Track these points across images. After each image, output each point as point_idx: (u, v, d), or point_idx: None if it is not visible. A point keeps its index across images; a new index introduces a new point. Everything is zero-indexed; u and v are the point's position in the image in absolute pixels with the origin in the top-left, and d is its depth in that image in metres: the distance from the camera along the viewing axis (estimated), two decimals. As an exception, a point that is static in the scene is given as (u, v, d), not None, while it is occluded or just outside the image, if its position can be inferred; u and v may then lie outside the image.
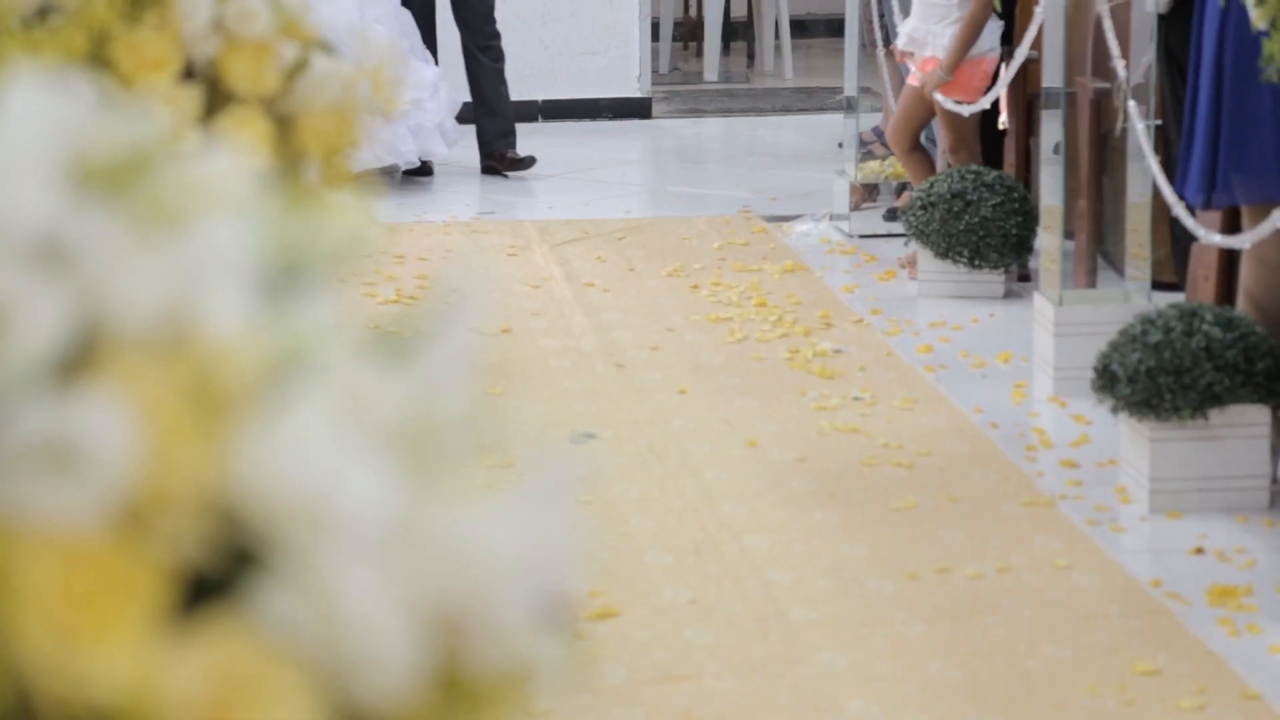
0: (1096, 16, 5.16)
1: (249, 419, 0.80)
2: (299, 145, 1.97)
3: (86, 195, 0.79)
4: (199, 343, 0.80)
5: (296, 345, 0.83)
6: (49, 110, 0.79)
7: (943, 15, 6.29)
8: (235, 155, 0.88)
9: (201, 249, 0.81)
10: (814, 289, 6.29)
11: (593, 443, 4.81)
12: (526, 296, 6.26)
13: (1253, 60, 4.03)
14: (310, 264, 0.86)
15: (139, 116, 0.83)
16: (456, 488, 0.86)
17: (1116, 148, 5.49)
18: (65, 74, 0.82)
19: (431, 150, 7.81)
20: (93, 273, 0.77)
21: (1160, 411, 4.19)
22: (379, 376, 0.85)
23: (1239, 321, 4.23)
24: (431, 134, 7.78)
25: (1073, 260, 5.56)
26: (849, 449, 4.74)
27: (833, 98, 9.63)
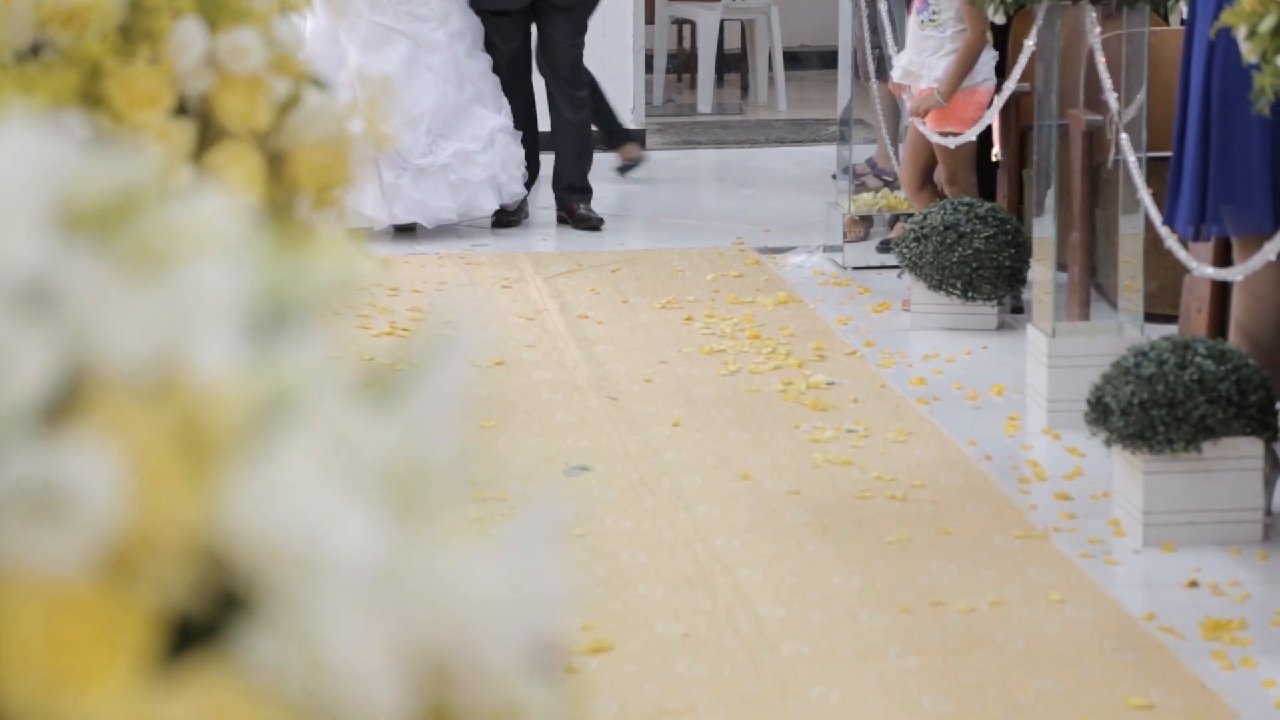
0: (1088, 49, 5.18)
1: (236, 463, 0.80)
2: (291, 180, 1.97)
3: (73, 238, 0.79)
4: (186, 386, 0.80)
5: (284, 388, 0.82)
6: (36, 153, 0.78)
7: (936, 48, 6.31)
8: (224, 195, 0.87)
9: (189, 292, 0.81)
10: (807, 321, 6.29)
11: (585, 476, 4.81)
12: (520, 329, 6.26)
13: (1240, 92, 4.03)
14: (299, 306, 0.86)
15: (127, 157, 0.83)
16: (445, 531, 0.85)
17: (1109, 180, 5.50)
18: (52, 114, 0.82)
19: (477, 205, 7.54)
20: (79, 316, 0.77)
21: (1153, 444, 4.19)
22: (367, 419, 0.84)
23: (1231, 354, 4.23)
24: (479, 189, 7.52)
25: (1066, 292, 5.57)
26: (842, 482, 4.74)
27: (826, 129, 9.65)
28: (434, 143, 7.43)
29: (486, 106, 7.60)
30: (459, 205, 7.47)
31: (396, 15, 7.43)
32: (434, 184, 7.39)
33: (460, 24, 7.56)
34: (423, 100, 7.41)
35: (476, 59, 7.64)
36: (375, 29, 7.40)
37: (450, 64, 7.50)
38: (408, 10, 7.43)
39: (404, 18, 7.42)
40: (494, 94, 7.66)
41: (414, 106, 7.38)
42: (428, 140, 7.41)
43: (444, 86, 7.45)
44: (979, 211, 6.09)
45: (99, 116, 1.78)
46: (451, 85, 7.48)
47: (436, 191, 7.40)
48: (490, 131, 7.52)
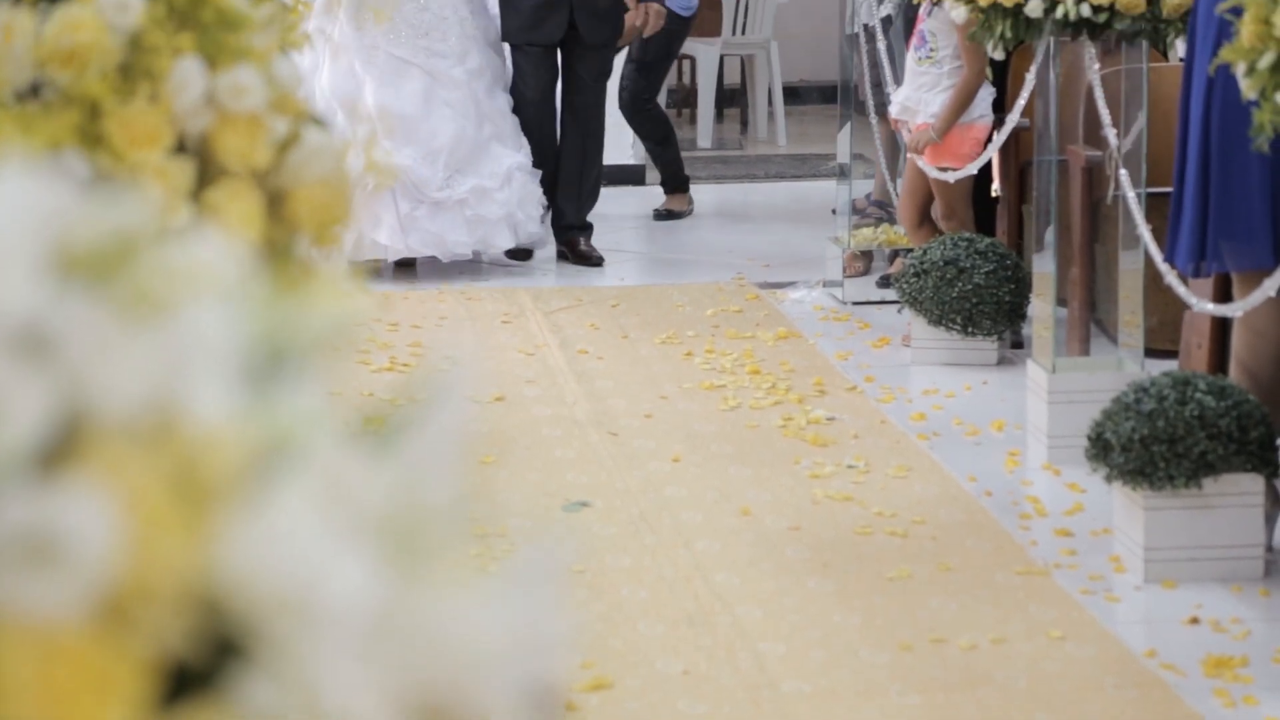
0: (1087, 84, 5.18)
1: (232, 508, 0.80)
2: (291, 219, 1.97)
3: (70, 283, 0.78)
4: (182, 432, 0.79)
5: (281, 433, 0.82)
6: (32, 197, 0.78)
7: (933, 84, 6.32)
8: (222, 238, 0.87)
9: (186, 336, 0.80)
10: (807, 356, 6.29)
11: (585, 511, 4.80)
12: (520, 364, 6.26)
13: (1239, 127, 4.04)
14: (296, 350, 0.86)
15: (124, 201, 0.83)
16: (443, 575, 0.85)
17: (1108, 215, 5.51)
18: (50, 156, 0.82)
19: (493, 242, 7.49)
20: (75, 361, 0.77)
21: (1154, 480, 4.19)
22: (365, 463, 0.84)
23: (1232, 390, 4.22)
24: (495, 226, 7.47)
25: (1066, 328, 5.57)
26: (842, 518, 4.73)
27: (826, 164, 9.66)
28: (451, 177, 7.39)
29: (505, 145, 7.55)
30: (474, 241, 7.43)
31: (414, 49, 7.40)
32: (450, 218, 7.36)
33: (479, 62, 7.52)
34: (441, 134, 7.39)
35: (496, 98, 7.60)
36: (393, 61, 7.38)
37: (468, 101, 7.46)
38: (425, 45, 7.40)
39: (421, 52, 7.40)
40: (513, 133, 7.61)
41: (432, 140, 7.37)
42: (445, 174, 7.38)
43: (462, 122, 7.41)
44: (979, 247, 6.09)
45: (98, 155, 1.78)
46: (470, 122, 7.43)
47: (452, 226, 7.37)
48: (508, 169, 7.47)
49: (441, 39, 7.42)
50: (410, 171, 7.23)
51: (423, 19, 7.40)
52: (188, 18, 1.84)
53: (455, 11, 7.46)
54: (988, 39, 5.09)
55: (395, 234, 7.29)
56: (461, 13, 7.48)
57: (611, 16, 7.70)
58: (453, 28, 7.44)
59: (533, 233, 7.60)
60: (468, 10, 7.51)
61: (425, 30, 7.40)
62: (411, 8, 7.39)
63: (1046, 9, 4.95)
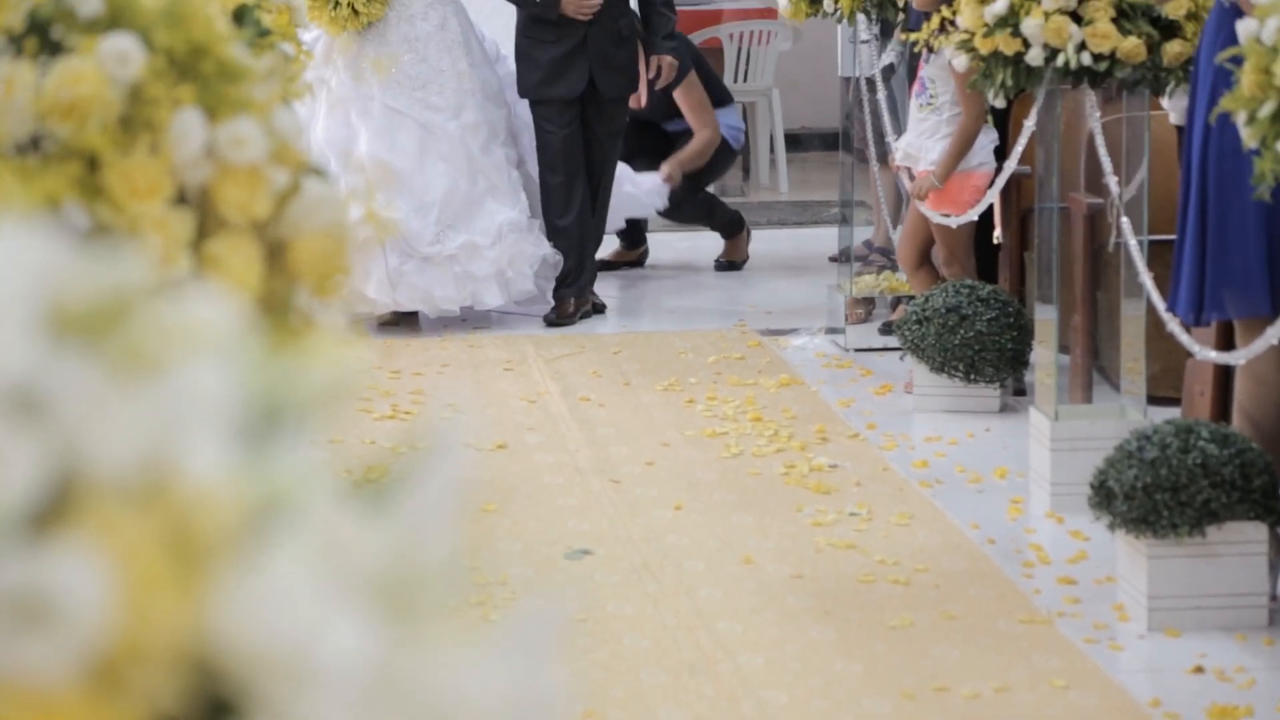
0: (1089, 132, 5.19)
1: (227, 568, 0.79)
2: (291, 270, 1.97)
3: (64, 341, 0.78)
4: (176, 491, 0.79)
5: (276, 492, 0.82)
6: (27, 255, 0.78)
7: (934, 130, 6.33)
8: (218, 295, 0.87)
9: (180, 395, 0.80)
10: (810, 403, 6.28)
11: (587, 560, 4.79)
12: (522, 412, 6.25)
13: (1236, 175, 4.04)
14: (292, 408, 0.85)
15: (120, 258, 0.83)
16: (439, 635, 0.84)
17: (1110, 262, 5.51)
18: (46, 213, 0.81)
19: (482, 299, 7.36)
20: (68, 421, 0.76)
21: (1158, 528, 4.18)
22: (361, 522, 0.83)
23: (1235, 438, 4.22)
24: (485, 283, 7.35)
25: (1068, 375, 5.56)
26: (845, 565, 4.72)
27: (828, 211, 9.68)
28: (442, 232, 7.32)
29: (499, 200, 7.42)
30: (462, 297, 7.32)
31: (410, 101, 7.35)
32: (439, 274, 7.28)
33: (475, 117, 7.44)
34: (433, 188, 7.33)
35: (491, 153, 7.50)
36: (387, 113, 7.34)
37: (462, 156, 7.38)
38: (421, 98, 7.35)
39: (416, 104, 7.34)
40: (508, 188, 7.48)
41: (424, 194, 7.30)
42: (436, 229, 7.31)
43: (455, 177, 7.34)
44: (981, 294, 6.10)
45: (99, 207, 1.78)
46: (463, 177, 7.36)
47: (441, 281, 7.29)
48: (500, 226, 7.36)
49: (438, 92, 7.38)
50: (401, 225, 7.17)
51: (420, 71, 7.36)
52: (188, 69, 1.84)
53: (453, 65, 7.41)
54: (988, 87, 5.09)
55: (383, 288, 7.23)
56: (460, 66, 7.42)
57: (628, 69, 7.64)
58: (449, 81, 7.39)
59: (525, 290, 7.47)
60: (466, 64, 7.45)
61: (422, 82, 7.36)
62: (409, 59, 7.35)
63: (1047, 57, 4.96)
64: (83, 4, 1.78)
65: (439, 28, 7.40)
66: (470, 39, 7.52)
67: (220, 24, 1.94)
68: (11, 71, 1.70)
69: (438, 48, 7.38)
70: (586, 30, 7.46)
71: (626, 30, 7.57)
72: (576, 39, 7.46)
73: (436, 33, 7.39)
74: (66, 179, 1.76)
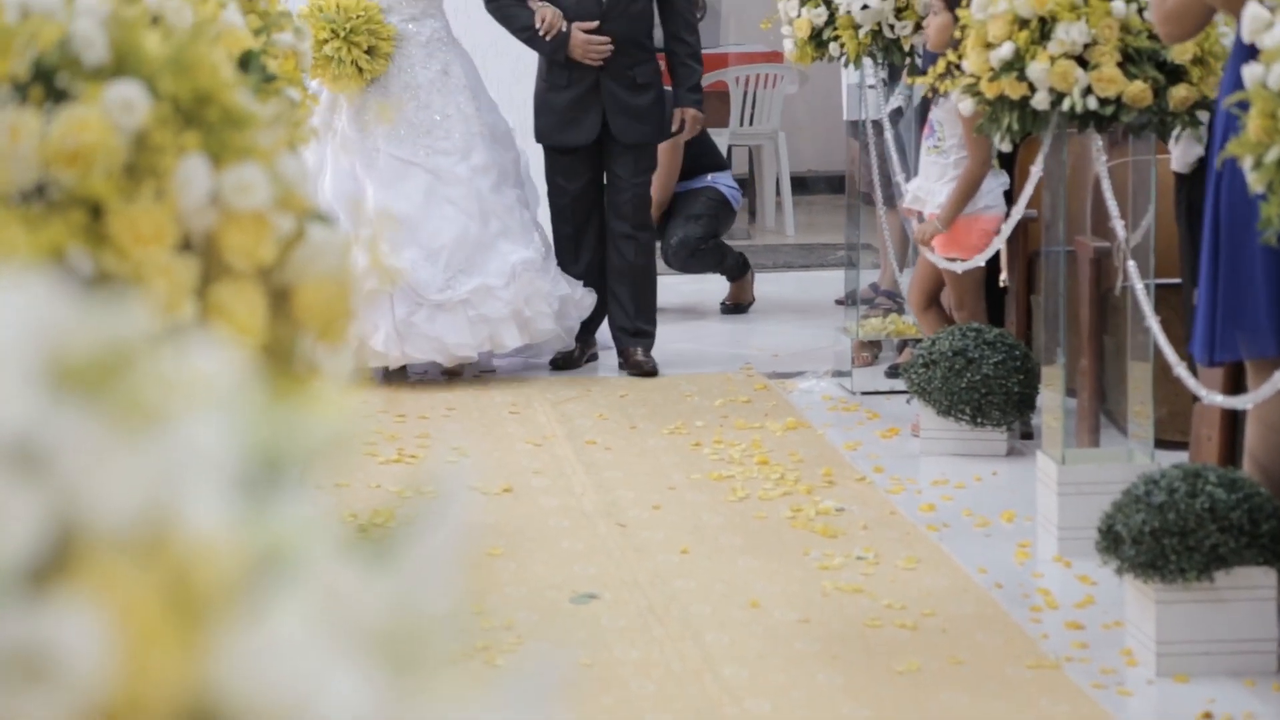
0: (1095, 176, 5.19)
1: (227, 622, 0.79)
2: (295, 316, 1.96)
3: (64, 394, 0.78)
4: (176, 544, 0.78)
5: (277, 545, 0.81)
6: (27, 308, 0.78)
7: (940, 173, 6.34)
8: (219, 346, 0.86)
9: (180, 447, 0.79)
10: (816, 446, 6.27)
11: (593, 604, 4.78)
12: (528, 455, 6.25)
13: (1245, 217, 4.04)
14: (293, 459, 0.85)
15: (120, 309, 0.82)
16: (440, 689, 0.84)
17: (1117, 306, 5.50)
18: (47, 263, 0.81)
19: (500, 341, 7.17)
20: (69, 474, 0.76)
21: (1165, 573, 4.16)
22: (362, 575, 0.83)
23: (1243, 483, 4.20)
24: (502, 324, 7.16)
25: (1075, 418, 5.55)
26: (852, 610, 4.70)
27: (834, 254, 9.68)
28: (454, 278, 7.18)
29: (512, 241, 7.28)
30: (478, 342, 7.14)
31: (415, 149, 7.27)
32: (451, 320, 7.13)
33: (484, 159, 7.33)
34: (442, 234, 7.21)
35: (503, 193, 7.34)
36: (394, 164, 7.26)
37: (472, 198, 7.27)
38: (427, 144, 7.27)
39: (422, 151, 7.27)
40: (521, 229, 7.34)
41: (433, 240, 7.19)
42: (447, 275, 7.17)
43: (465, 220, 7.23)
44: (987, 337, 6.09)
45: (103, 254, 1.78)
46: (474, 219, 7.24)
47: (454, 328, 7.13)
48: (513, 265, 7.21)
49: (444, 136, 7.31)
50: (408, 274, 7.06)
51: (424, 118, 7.30)
52: (193, 116, 1.84)
53: (459, 109, 7.34)
54: (994, 131, 5.10)
55: (391, 340, 7.07)
56: (466, 110, 7.36)
57: (649, 116, 7.49)
58: (456, 125, 7.33)
59: (546, 329, 7.29)
60: (473, 107, 7.38)
61: (427, 129, 7.30)
62: (413, 106, 7.29)
63: (1053, 101, 4.96)
64: (88, 51, 1.78)
65: (441, 74, 7.35)
66: (477, 84, 7.48)
67: (225, 71, 1.95)
68: (17, 119, 1.70)
69: (441, 94, 7.33)
70: (599, 76, 7.40)
71: (643, 78, 7.47)
72: (589, 84, 7.41)
73: (439, 79, 7.34)
74: (71, 226, 1.76)
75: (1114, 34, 4.90)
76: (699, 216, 8.56)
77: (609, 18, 7.40)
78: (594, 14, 7.39)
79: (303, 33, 3.96)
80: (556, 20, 7.35)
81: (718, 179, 8.76)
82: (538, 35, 7.38)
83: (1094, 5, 4.92)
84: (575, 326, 7.45)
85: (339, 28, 7.15)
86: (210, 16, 2.78)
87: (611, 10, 7.40)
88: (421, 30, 7.34)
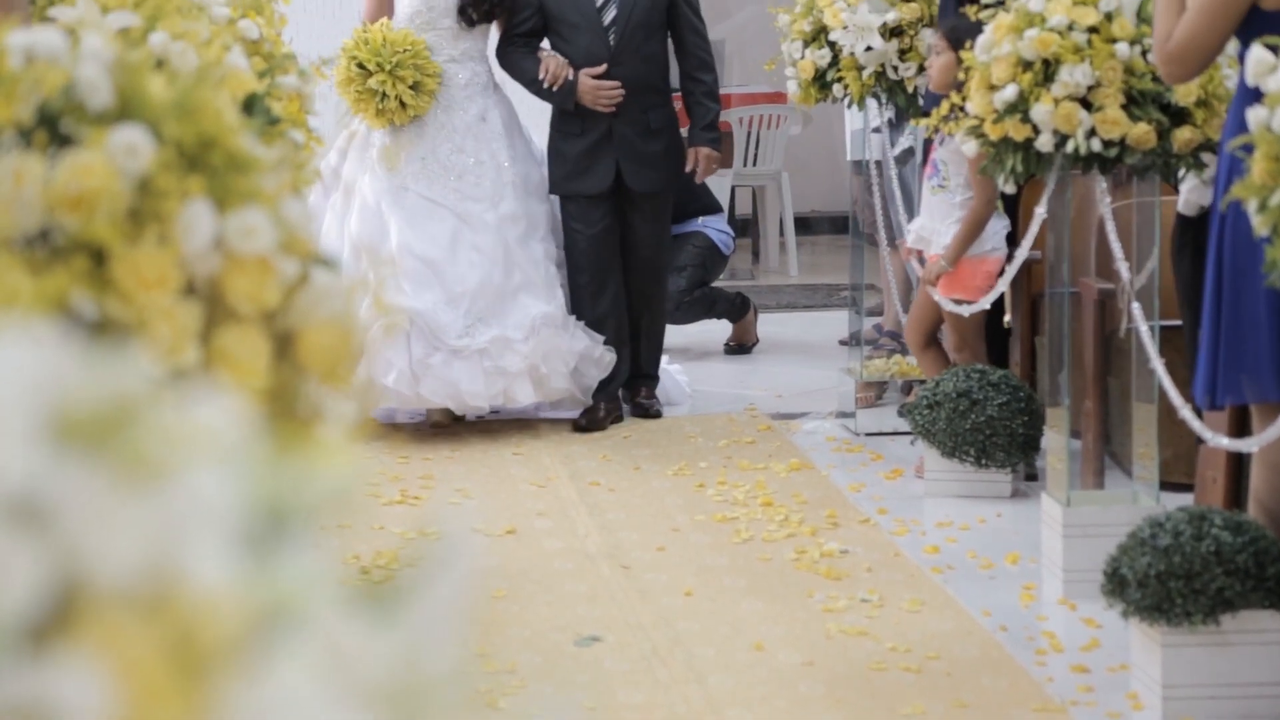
0: (1099, 218, 5.19)
1: (231, 677, 0.78)
2: (299, 361, 1.96)
3: (67, 448, 0.77)
4: (180, 599, 0.78)
5: (281, 599, 0.80)
6: (29, 362, 0.77)
7: (946, 214, 6.34)
8: (222, 398, 0.86)
9: (184, 501, 0.79)
10: (820, 488, 6.26)
11: (597, 646, 4.76)
12: (531, 496, 6.23)
13: (1248, 260, 4.04)
14: (297, 513, 0.84)
15: (123, 362, 0.82)
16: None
17: (1121, 348, 5.50)
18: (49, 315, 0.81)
19: (514, 396, 7.02)
20: (71, 529, 0.75)
21: (1171, 617, 4.15)
22: (365, 631, 0.82)
23: (1249, 525, 4.19)
24: (517, 379, 7.00)
25: (1080, 460, 5.54)
26: (856, 652, 4.69)
27: (838, 294, 9.68)
28: (473, 325, 7.01)
29: (534, 295, 7.11)
30: (492, 394, 6.98)
31: (445, 190, 7.11)
32: (467, 368, 6.96)
33: (514, 209, 7.18)
34: (466, 279, 7.05)
35: (529, 246, 7.18)
36: (423, 203, 7.09)
37: (498, 246, 7.11)
38: (456, 188, 7.12)
39: (452, 194, 7.11)
40: (544, 283, 7.17)
41: (456, 285, 7.03)
42: (466, 322, 7.00)
43: (489, 268, 7.06)
44: (992, 379, 6.08)
45: (106, 299, 1.78)
46: (498, 268, 7.07)
47: (470, 376, 6.96)
48: (534, 320, 7.04)
49: (475, 183, 7.14)
50: (429, 316, 6.91)
51: (456, 160, 7.14)
52: (197, 161, 1.84)
53: (493, 157, 7.18)
54: (998, 173, 5.10)
55: (406, 380, 6.91)
56: (500, 159, 7.19)
57: (663, 163, 7.33)
58: (488, 172, 7.17)
59: (560, 389, 7.13)
60: (507, 157, 7.21)
61: (459, 173, 7.14)
62: (447, 149, 7.14)
63: (1057, 143, 4.97)
64: (93, 96, 1.78)
65: (479, 119, 7.19)
66: (514, 133, 7.29)
67: (229, 115, 1.95)
68: (21, 165, 1.69)
69: (476, 139, 7.18)
70: (611, 123, 7.23)
71: (658, 122, 7.30)
72: (601, 131, 7.24)
73: (476, 124, 7.19)
74: (74, 272, 1.76)
75: (1118, 76, 4.91)
76: (683, 268, 8.40)
77: (619, 60, 7.21)
78: (603, 58, 7.20)
79: (307, 76, 3.96)
80: (561, 70, 7.20)
81: (708, 223, 8.61)
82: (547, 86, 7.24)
83: (1098, 47, 4.92)
84: (592, 385, 7.26)
85: (385, 61, 7.01)
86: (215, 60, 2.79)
87: (621, 53, 7.23)
88: (462, 72, 7.20)
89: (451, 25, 7.19)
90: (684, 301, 8.40)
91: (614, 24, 7.23)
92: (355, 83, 7.02)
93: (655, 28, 7.29)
